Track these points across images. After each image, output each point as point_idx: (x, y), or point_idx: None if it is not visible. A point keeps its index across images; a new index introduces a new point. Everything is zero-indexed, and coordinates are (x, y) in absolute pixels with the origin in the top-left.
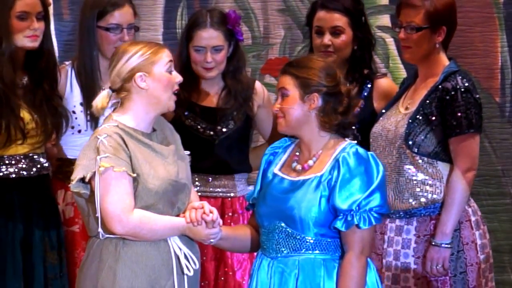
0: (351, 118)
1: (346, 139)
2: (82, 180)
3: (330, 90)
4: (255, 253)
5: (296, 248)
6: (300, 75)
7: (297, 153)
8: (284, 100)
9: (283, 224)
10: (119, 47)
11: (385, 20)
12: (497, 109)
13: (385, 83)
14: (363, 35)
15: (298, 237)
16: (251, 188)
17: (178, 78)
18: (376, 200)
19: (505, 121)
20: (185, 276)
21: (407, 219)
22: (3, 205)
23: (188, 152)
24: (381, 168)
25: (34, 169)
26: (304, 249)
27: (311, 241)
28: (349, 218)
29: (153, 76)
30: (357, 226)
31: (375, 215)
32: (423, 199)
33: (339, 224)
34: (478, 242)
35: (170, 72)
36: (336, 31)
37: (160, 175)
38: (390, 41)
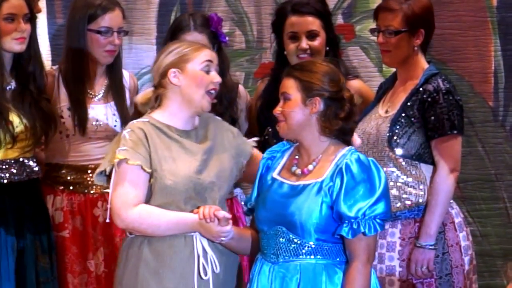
0: (352, 124)
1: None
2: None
3: (332, 95)
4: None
5: (297, 253)
6: (303, 79)
7: (297, 157)
8: (286, 103)
9: (284, 229)
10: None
11: None
12: (490, 113)
13: (356, 84)
14: (333, 36)
15: (299, 242)
16: (238, 190)
17: (215, 78)
18: (380, 208)
19: (498, 125)
20: (210, 279)
21: (392, 222)
22: None
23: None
24: (383, 174)
25: (25, 174)
26: (305, 254)
27: (312, 246)
28: (354, 226)
29: (186, 73)
30: (363, 233)
31: (379, 221)
32: (407, 202)
33: (344, 232)
34: (462, 244)
35: (207, 72)
36: (311, 34)
37: (180, 172)
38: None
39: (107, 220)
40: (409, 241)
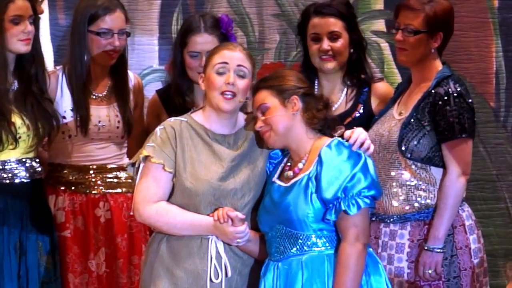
0: (333, 114)
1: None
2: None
3: (306, 91)
4: None
5: (299, 247)
6: (274, 84)
7: (289, 164)
8: (266, 113)
9: (283, 227)
10: None
11: (380, 25)
12: (491, 114)
13: (382, 87)
14: (357, 38)
15: (299, 236)
16: None
17: (228, 79)
18: (361, 182)
19: (500, 126)
20: (223, 283)
21: (401, 223)
22: None
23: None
24: (363, 154)
25: (27, 174)
26: (307, 247)
27: (313, 237)
28: (337, 207)
29: (206, 77)
30: (346, 212)
31: (364, 199)
32: (416, 204)
33: (329, 214)
34: (472, 246)
35: (221, 74)
36: (333, 36)
37: (201, 177)
38: (385, 46)
39: (131, 213)
40: (417, 243)
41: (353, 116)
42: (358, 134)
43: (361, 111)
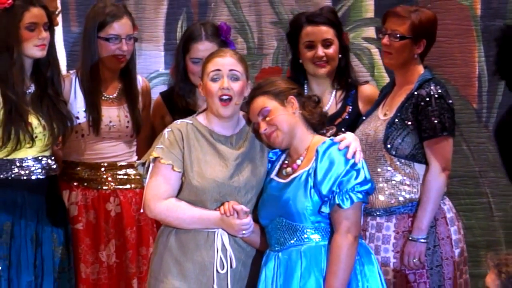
0: (324, 112)
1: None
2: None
3: (299, 91)
4: None
5: (298, 237)
6: (270, 90)
7: (286, 162)
8: (269, 115)
9: (283, 219)
10: None
11: (370, 32)
12: (474, 115)
13: (368, 89)
14: (344, 44)
15: (298, 227)
16: None
17: (222, 85)
18: (354, 177)
19: (482, 126)
20: (228, 273)
21: (387, 216)
22: (16, 204)
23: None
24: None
25: (43, 171)
26: (305, 238)
27: (311, 229)
28: (331, 200)
29: (204, 85)
30: (339, 206)
31: (357, 194)
32: (401, 198)
33: (324, 207)
34: (453, 237)
35: (215, 80)
36: (326, 43)
37: (207, 175)
38: (375, 51)
39: (141, 210)
40: (403, 234)
41: (343, 117)
42: (349, 141)
43: (350, 112)
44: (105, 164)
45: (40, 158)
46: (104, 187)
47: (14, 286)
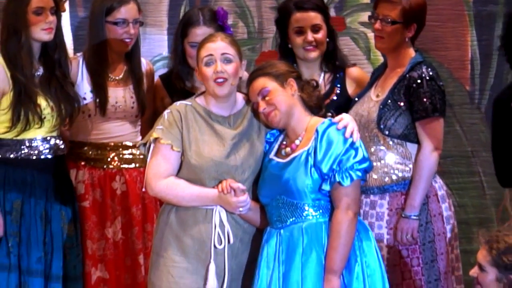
0: (321, 95)
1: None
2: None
3: (298, 75)
4: None
5: (299, 215)
6: (270, 71)
7: (284, 142)
8: (268, 95)
9: (283, 197)
10: None
11: (366, 17)
12: (467, 97)
13: (355, 71)
14: (332, 29)
15: (298, 205)
16: None
17: (217, 68)
18: (353, 155)
19: (474, 108)
20: (225, 249)
21: (381, 194)
22: (25, 183)
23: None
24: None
25: (51, 151)
26: (306, 215)
27: (311, 206)
28: (332, 179)
29: (199, 71)
30: (340, 183)
31: (357, 172)
32: (394, 177)
33: (325, 184)
34: (445, 214)
35: (208, 65)
36: (315, 28)
37: (204, 154)
38: (371, 35)
39: (143, 189)
40: (396, 211)
41: (331, 98)
42: (347, 122)
43: (338, 93)
44: (111, 144)
45: (48, 138)
46: (110, 166)
47: (24, 262)
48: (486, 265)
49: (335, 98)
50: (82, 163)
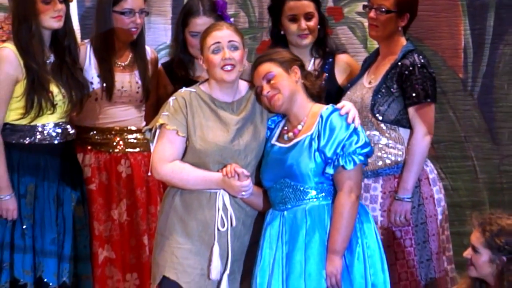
0: (323, 85)
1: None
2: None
3: (301, 63)
4: None
5: (302, 197)
6: (276, 57)
7: (286, 128)
8: (273, 79)
9: (287, 180)
10: None
11: None
12: (460, 84)
13: (345, 58)
14: (323, 16)
15: (301, 188)
16: None
17: (224, 55)
18: (355, 140)
19: (467, 94)
20: (228, 231)
21: (374, 178)
22: (38, 167)
23: None
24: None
25: (62, 136)
26: (309, 198)
27: (314, 189)
28: (335, 163)
29: (205, 58)
30: (343, 167)
31: (359, 156)
32: (387, 161)
33: (329, 168)
34: (436, 196)
35: (216, 53)
36: (308, 16)
37: (208, 139)
38: (368, 25)
39: (149, 174)
40: (389, 194)
41: None
42: (349, 108)
43: (325, 78)
44: (117, 128)
45: (60, 124)
46: (116, 150)
47: (39, 243)
48: (480, 247)
49: (323, 83)
50: (89, 147)
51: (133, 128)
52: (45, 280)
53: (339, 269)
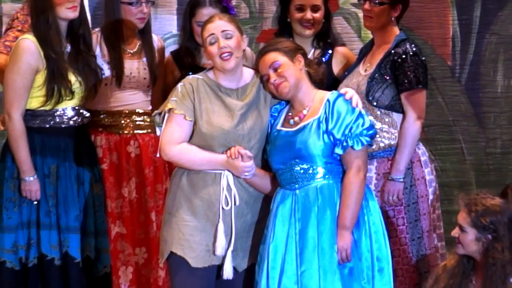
0: (325, 73)
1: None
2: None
3: (304, 52)
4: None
5: (312, 177)
6: (281, 47)
7: (290, 114)
8: (280, 68)
9: (297, 160)
10: None
11: None
12: (448, 71)
13: (343, 50)
14: (329, 11)
15: (311, 168)
16: None
17: (220, 44)
18: (361, 123)
19: (455, 81)
20: (232, 210)
21: (369, 160)
22: (59, 149)
23: None
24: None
25: (79, 120)
26: (318, 177)
27: (323, 169)
28: (344, 143)
29: (205, 50)
30: (352, 148)
31: (366, 137)
32: (381, 144)
33: (338, 149)
34: (427, 177)
35: (212, 44)
36: (315, 8)
37: (214, 123)
38: (362, 15)
39: (157, 155)
40: (383, 175)
41: None
42: (352, 93)
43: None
44: (126, 111)
45: (77, 108)
46: (125, 132)
47: (63, 220)
48: (466, 226)
49: (324, 69)
50: (100, 129)
51: (141, 111)
52: (71, 254)
53: (349, 243)
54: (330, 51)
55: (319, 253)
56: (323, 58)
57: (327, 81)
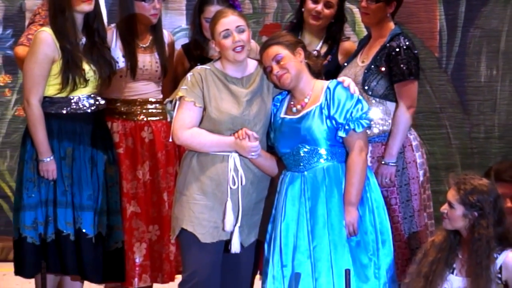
0: (323, 64)
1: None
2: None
3: (304, 45)
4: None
5: (317, 159)
6: (283, 41)
7: (292, 102)
8: (282, 60)
9: (304, 144)
10: None
11: None
12: (436, 62)
13: (348, 44)
14: (343, 13)
15: (317, 150)
16: None
17: (235, 39)
18: (361, 107)
19: (442, 71)
20: (239, 189)
21: None
22: (75, 133)
23: None
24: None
25: (94, 106)
26: (324, 159)
27: (328, 151)
28: (346, 127)
29: (217, 43)
30: (354, 130)
31: (366, 120)
32: (376, 130)
33: (340, 132)
34: (418, 161)
35: (226, 38)
36: (328, 4)
37: (222, 109)
38: (356, 11)
39: (170, 140)
40: (377, 159)
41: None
42: (350, 81)
43: (329, 60)
44: (140, 100)
45: (92, 96)
46: (139, 118)
47: (77, 199)
48: (455, 203)
49: (326, 63)
50: (116, 116)
51: (153, 99)
52: (84, 231)
53: (356, 218)
54: (336, 46)
55: (329, 228)
56: (332, 51)
57: (333, 71)
